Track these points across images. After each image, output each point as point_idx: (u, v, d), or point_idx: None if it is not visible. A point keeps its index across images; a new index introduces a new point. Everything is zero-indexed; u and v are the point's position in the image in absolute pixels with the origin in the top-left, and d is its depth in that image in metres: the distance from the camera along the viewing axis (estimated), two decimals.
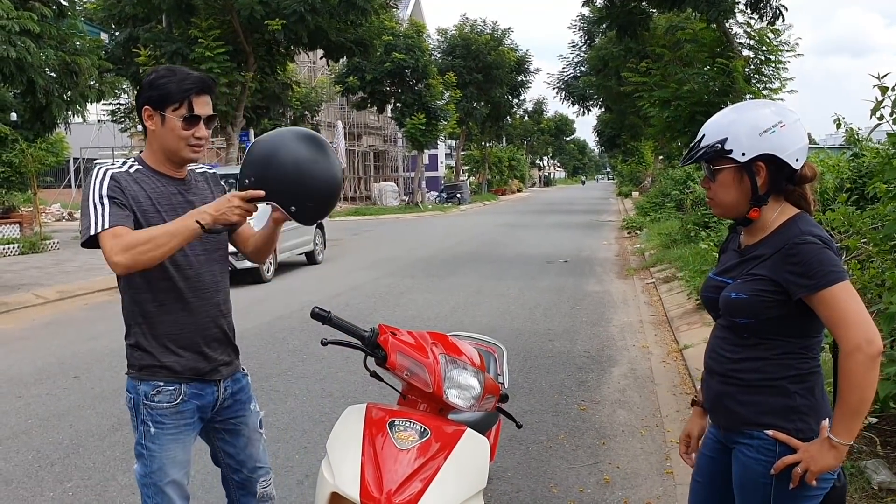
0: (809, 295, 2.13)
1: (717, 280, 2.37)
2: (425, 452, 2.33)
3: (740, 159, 2.18)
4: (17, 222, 18.36)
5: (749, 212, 2.24)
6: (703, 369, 2.44)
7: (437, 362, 2.44)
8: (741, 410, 2.27)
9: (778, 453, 2.21)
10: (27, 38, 10.02)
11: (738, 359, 2.28)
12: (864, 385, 2.08)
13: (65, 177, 36.00)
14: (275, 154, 2.41)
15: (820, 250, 2.14)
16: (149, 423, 2.62)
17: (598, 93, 35.19)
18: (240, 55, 20.35)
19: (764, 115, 2.20)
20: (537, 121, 79.96)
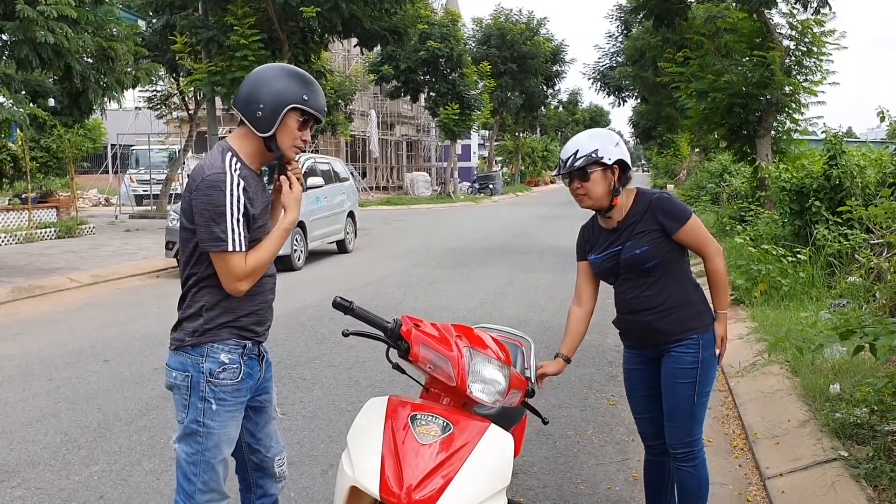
0: (679, 228, 3.15)
1: (607, 254, 3.29)
2: (447, 448, 2.26)
3: (608, 162, 3.12)
4: (55, 207, 18.60)
5: (612, 200, 3.18)
6: (621, 314, 3.38)
7: (462, 355, 2.38)
8: (668, 328, 3.23)
9: (701, 346, 3.24)
10: (64, 24, 10.10)
11: (652, 295, 3.22)
12: (725, 272, 3.34)
13: (102, 162, 36.49)
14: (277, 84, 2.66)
15: (672, 199, 3.26)
16: (210, 400, 2.69)
17: (634, 83, 34.77)
18: (274, 43, 20.35)
19: (609, 137, 3.21)
20: (572, 112, 79.35)
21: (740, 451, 4.91)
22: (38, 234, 17.11)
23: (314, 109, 2.70)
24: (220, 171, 2.59)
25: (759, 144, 14.84)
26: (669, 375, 3.28)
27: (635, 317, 3.30)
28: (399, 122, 49.26)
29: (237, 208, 2.58)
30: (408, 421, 2.31)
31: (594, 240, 3.41)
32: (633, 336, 3.41)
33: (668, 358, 3.28)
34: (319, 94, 2.73)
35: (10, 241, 16.24)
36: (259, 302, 2.79)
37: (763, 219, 12.25)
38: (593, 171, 3.12)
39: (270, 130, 2.65)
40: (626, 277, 3.29)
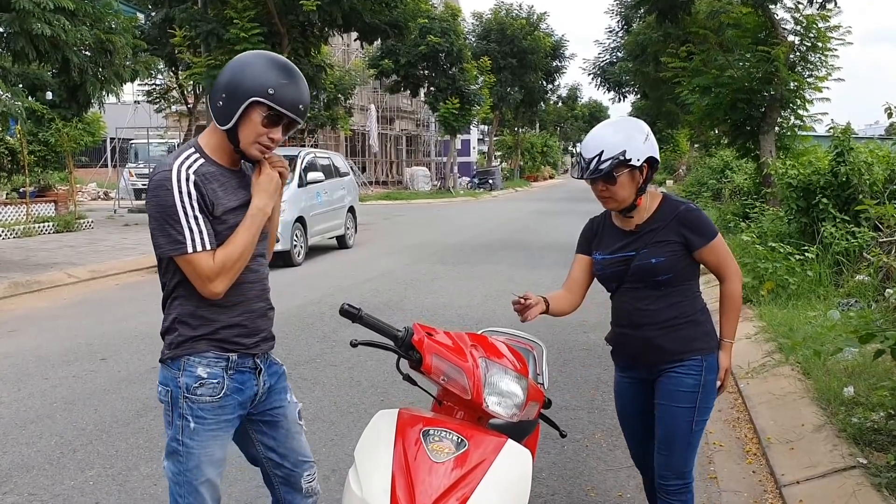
0: (704, 246, 2.92)
1: (616, 257, 3.00)
2: (462, 466, 2.13)
3: (637, 164, 2.83)
4: (53, 201, 18.45)
5: (636, 200, 2.91)
6: (619, 327, 3.07)
7: (477, 366, 2.24)
8: (670, 346, 2.94)
9: (704, 369, 2.95)
10: (62, 16, 9.93)
11: (659, 308, 2.95)
12: (741, 298, 3.07)
13: (101, 156, 36.28)
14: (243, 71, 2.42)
15: (701, 214, 2.98)
16: (188, 418, 2.49)
17: (635, 79, 34.60)
18: (274, 37, 20.20)
19: (639, 129, 2.90)
20: (571, 107, 79.13)
21: (753, 456, 4.78)
22: (36, 229, 16.95)
23: (280, 105, 2.37)
24: (167, 170, 2.40)
25: (762, 140, 14.70)
26: (666, 398, 2.98)
27: (635, 331, 3.00)
28: (399, 117, 49.07)
29: (190, 206, 2.37)
30: (420, 437, 2.17)
31: (604, 237, 3.11)
32: (629, 353, 3.10)
33: (666, 379, 2.99)
34: (294, 89, 2.41)
35: (7, 236, 16.09)
36: (242, 312, 2.53)
37: (768, 216, 12.11)
38: (620, 174, 2.83)
39: (228, 123, 2.40)
40: (631, 286, 3.00)
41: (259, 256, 2.61)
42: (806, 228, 10.11)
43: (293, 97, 2.40)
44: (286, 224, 12.56)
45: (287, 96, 2.38)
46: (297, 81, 2.43)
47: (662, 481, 3.02)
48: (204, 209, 2.40)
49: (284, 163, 2.61)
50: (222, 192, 2.46)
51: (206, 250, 2.38)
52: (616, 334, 3.12)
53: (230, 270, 2.43)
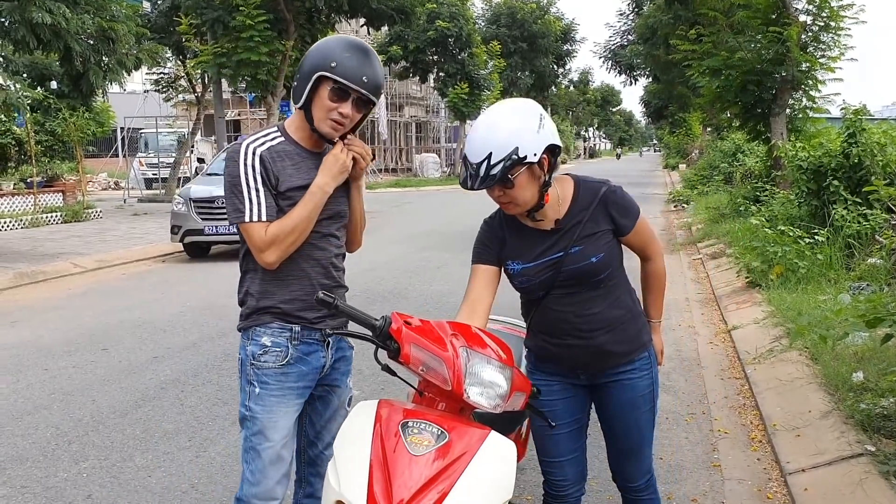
0: (633, 227, 2.61)
1: (544, 262, 2.57)
2: (443, 458, 2.04)
3: (534, 160, 2.37)
4: (61, 191, 18.45)
5: (542, 198, 2.49)
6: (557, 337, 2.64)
7: (458, 356, 2.14)
8: (620, 348, 2.64)
9: (651, 362, 2.73)
10: (62, 4, 9.86)
11: (604, 310, 2.60)
12: (665, 275, 2.82)
13: (112, 146, 36.33)
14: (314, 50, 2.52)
15: (625, 193, 2.64)
16: (254, 384, 2.62)
17: (646, 62, 34.33)
18: (280, 23, 20.02)
19: (529, 115, 2.41)
20: (583, 91, 78.72)
21: (758, 443, 4.68)
22: (43, 219, 16.97)
23: (343, 77, 2.44)
24: (238, 144, 2.56)
25: (773, 123, 14.48)
26: (627, 409, 2.69)
27: (582, 340, 2.60)
28: (408, 104, 48.88)
29: (253, 178, 2.50)
30: (398, 429, 2.08)
31: (516, 241, 2.63)
32: (572, 362, 2.68)
33: (618, 388, 2.68)
34: (358, 61, 2.46)
35: (15, 226, 16.12)
36: (302, 287, 2.61)
37: (778, 199, 11.94)
38: (517, 175, 2.39)
39: (300, 101, 2.52)
40: (565, 292, 2.58)
41: (330, 237, 2.69)
42: (817, 211, 9.94)
43: (356, 69, 2.45)
44: None
45: (350, 69, 2.45)
46: (363, 56, 2.50)
47: (630, 483, 2.83)
48: (267, 183, 2.51)
49: (364, 148, 2.65)
50: (294, 170, 2.56)
51: (262, 221, 2.50)
52: (551, 346, 2.67)
53: (282, 243, 2.52)
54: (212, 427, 4.95)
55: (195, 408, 5.34)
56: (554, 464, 2.75)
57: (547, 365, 2.73)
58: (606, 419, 2.78)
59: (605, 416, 2.78)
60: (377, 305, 8.43)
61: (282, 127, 2.66)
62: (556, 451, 2.74)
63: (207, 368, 6.25)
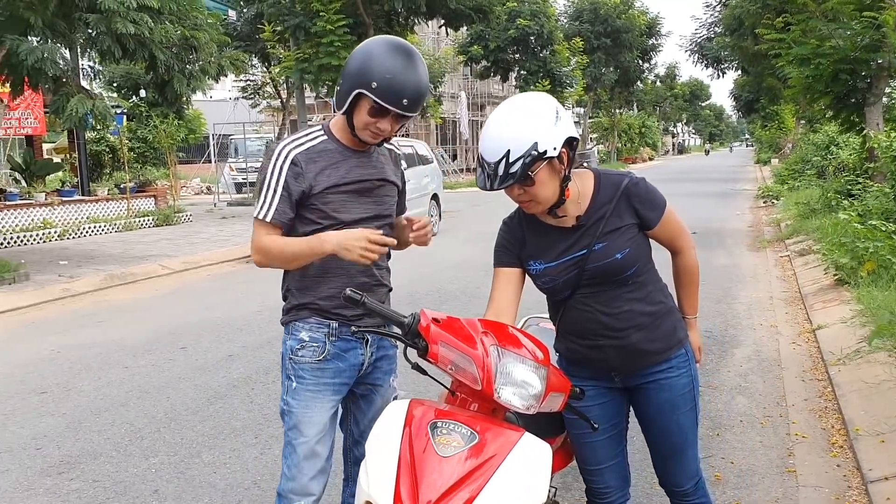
0: (660, 220, 2.50)
1: (567, 260, 2.46)
2: (473, 460, 1.98)
3: (554, 154, 2.28)
4: (152, 196, 19.12)
5: (563, 193, 2.38)
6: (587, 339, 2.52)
7: (488, 354, 2.07)
8: (655, 346, 2.51)
9: (689, 360, 2.60)
10: (144, 14, 10.21)
11: (636, 307, 2.48)
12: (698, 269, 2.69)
13: (204, 152, 37.52)
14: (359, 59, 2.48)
15: (648, 184, 2.51)
16: (292, 378, 2.67)
17: (733, 54, 33.24)
18: (360, 27, 20.30)
19: (545, 107, 2.31)
20: (670, 86, 77.05)
21: (839, 448, 4.44)
22: (136, 223, 17.62)
23: (382, 100, 2.41)
24: (278, 143, 2.62)
25: (868, 113, 13.80)
26: (667, 410, 2.57)
27: (614, 340, 2.48)
28: (490, 103, 48.77)
29: (276, 179, 2.54)
30: (427, 429, 2.03)
31: (537, 241, 2.53)
32: (605, 364, 2.55)
33: (656, 389, 2.56)
34: (400, 84, 2.41)
35: (109, 230, 16.79)
36: (340, 284, 2.58)
37: (872, 193, 11.37)
38: (538, 171, 2.28)
39: (341, 108, 2.52)
40: (591, 291, 2.47)
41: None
42: None
43: (397, 92, 2.41)
44: None
45: (390, 92, 2.40)
46: (407, 75, 2.43)
47: (677, 489, 2.70)
48: (289, 187, 2.53)
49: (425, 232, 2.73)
50: (331, 170, 2.57)
51: (266, 222, 2.56)
52: (582, 347, 2.56)
53: (267, 256, 2.62)
54: (278, 425, 4.97)
55: (263, 405, 5.43)
56: (594, 471, 2.65)
57: (579, 369, 2.60)
58: (646, 422, 2.66)
59: (644, 419, 2.66)
60: (448, 304, 8.42)
61: (326, 126, 2.66)
62: (595, 458, 2.64)
63: (278, 366, 6.25)
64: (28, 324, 8.66)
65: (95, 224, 16.64)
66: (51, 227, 15.61)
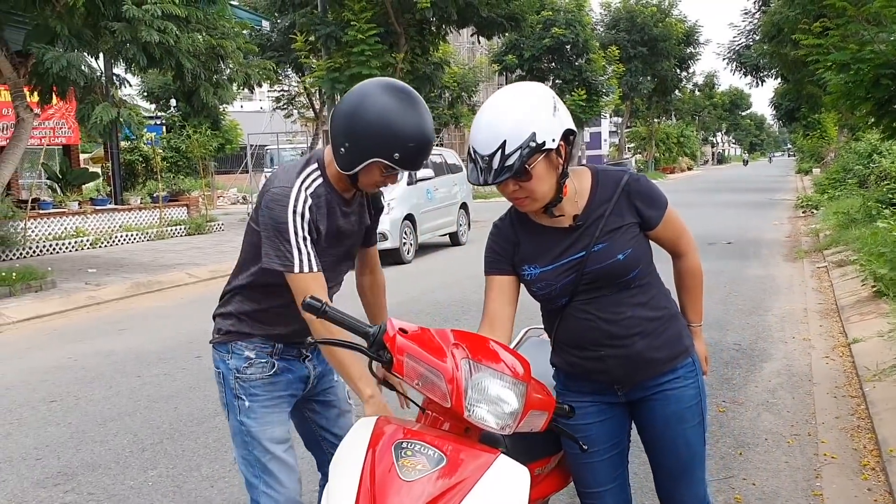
0: (662, 218, 2.34)
1: (565, 263, 2.27)
2: (439, 485, 1.80)
3: (552, 146, 2.12)
4: (185, 205, 19.24)
5: (560, 190, 2.20)
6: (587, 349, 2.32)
7: (458, 368, 1.89)
8: (661, 354, 2.33)
9: (696, 370, 2.41)
10: (170, 22, 10.21)
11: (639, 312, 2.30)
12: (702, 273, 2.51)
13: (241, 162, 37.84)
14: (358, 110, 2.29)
15: (649, 182, 2.37)
16: (242, 398, 2.57)
17: (772, 61, 32.60)
18: (391, 37, 20.26)
19: (542, 97, 2.15)
20: (709, 95, 76.03)
21: (871, 470, 4.16)
22: (168, 232, 17.72)
23: (403, 168, 2.33)
24: (287, 187, 2.39)
25: None
26: (673, 423, 2.36)
27: (619, 349, 2.28)
28: None
29: (301, 226, 2.36)
30: (391, 450, 1.86)
31: (531, 244, 2.32)
32: (607, 377, 2.34)
33: (662, 401, 2.35)
34: (420, 148, 2.30)
35: (141, 239, 16.90)
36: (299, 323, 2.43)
37: None
38: (535, 165, 2.10)
39: (349, 171, 2.36)
40: (591, 296, 2.28)
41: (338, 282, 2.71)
42: None
43: (418, 158, 2.33)
44: (395, 222, 12.49)
45: (412, 159, 2.32)
46: (425, 135, 2.31)
47: None
48: (312, 232, 2.41)
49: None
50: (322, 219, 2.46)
51: (312, 272, 2.37)
52: (582, 360, 2.34)
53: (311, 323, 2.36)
54: None
55: None
56: (593, 494, 2.43)
57: (579, 383, 2.40)
58: (651, 438, 2.43)
59: (648, 435, 2.44)
60: (470, 314, 8.23)
61: (321, 161, 2.48)
62: (594, 480, 2.42)
63: None
64: (51, 331, 8.66)
65: (127, 233, 16.77)
66: (83, 236, 15.75)
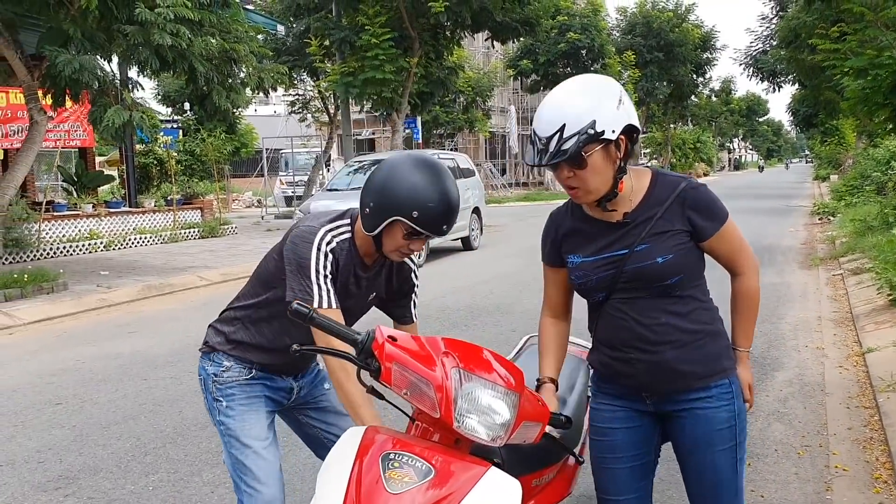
0: (717, 231, 2.27)
1: (605, 258, 2.27)
2: (426, 498, 1.75)
3: (612, 137, 2.11)
4: (199, 208, 19.29)
5: (616, 185, 2.19)
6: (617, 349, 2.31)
7: (448, 377, 1.84)
8: (692, 369, 2.26)
9: (734, 395, 2.31)
10: (182, 26, 10.22)
11: (674, 321, 2.25)
12: (759, 296, 2.39)
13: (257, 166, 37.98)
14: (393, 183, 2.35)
15: (709, 191, 2.30)
16: (220, 399, 2.66)
17: (789, 67, 32.40)
18: (405, 41, 20.27)
19: (609, 89, 2.16)
20: (726, 101, 75.63)
21: (883, 484, 4.07)
22: (181, 235, 17.78)
23: (424, 228, 2.34)
24: (316, 227, 2.47)
25: None
26: (700, 445, 2.30)
27: (646, 354, 2.26)
28: None
29: (323, 265, 2.42)
30: (378, 462, 1.81)
31: (578, 233, 2.34)
32: (634, 381, 2.32)
33: (691, 420, 2.30)
34: (440, 213, 2.33)
35: (154, 241, 16.95)
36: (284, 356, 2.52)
37: None
38: (591, 153, 2.10)
39: (372, 232, 2.41)
40: (628, 296, 2.27)
41: None
42: None
43: (438, 221, 2.35)
44: None
45: (432, 220, 2.34)
46: (446, 200, 2.35)
47: None
48: (334, 271, 2.45)
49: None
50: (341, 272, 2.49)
51: (332, 308, 2.40)
52: (613, 359, 2.33)
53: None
54: (286, 441, 4.82)
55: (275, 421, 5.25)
56: (609, 501, 2.41)
57: (610, 385, 2.40)
58: (679, 456, 2.40)
59: (678, 453, 2.40)
60: (480, 320, 8.18)
61: (353, 218, 2.53)
62: (614, 487, 2.39)
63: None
64: (60, 333, 8.67)
65: (141, 235, 16.83)
66: (97, 238, 15.82)
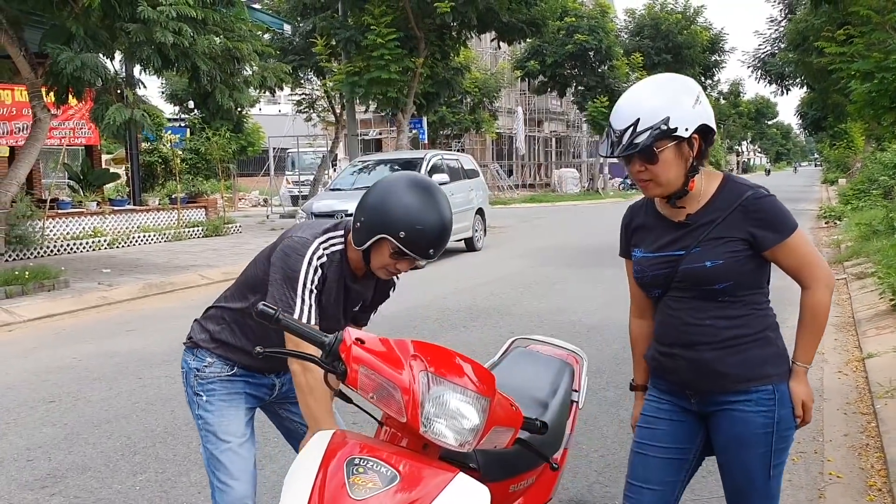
0: (779, 243, 2.25)
1: (662, 256, 2.34)
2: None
3: (685, 135, 2.17)
4: (203, 207, 19.30)
5: (687, 184, 2.24)
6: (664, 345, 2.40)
7: (415, 381, 1.80)
8: (732, 371, 2.29)
9: (777, 401, 2.30)
10: (185, 24, 10.21)
11: (718, 324, 2.29)
12: (827, 313, 2.36)
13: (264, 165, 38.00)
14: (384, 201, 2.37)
15: (775, 202, 2.28)
16: (200, 393, 2.72)
17: (798, 70, 32.26)
18: (411, 41, 20.25)
19: (686, 88, 2.22)
20: (734, 104, 75.37)
21: (877, 491, 4.02)
22: (185, 233, 17.78)
23: (409, 249, 2.34)
24: (309, 239, 2.49)
25: None
26: (734, 446, 2.33)
27: (687, 351, 2.33)
28: (547, 119, 48.39)
29: (311, 280, 2.44)
30: (343, 467, 1.77)
31: (646, 229, 2.42)
32: (677, 377, 2.39)
33: (728, 420, 2.33)
34: (430, 234, 2.33)
35: (158, 240, 16.96)
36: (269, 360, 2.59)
37: None
38: (663, 149, 2.15)
39: (360, 247, 2.43)
40: (681, 295, 2.33)
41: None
42: None
43: (424, 244, 2.35)
44: None
45: (417, 242, 2.34)
46: (435, 224, 2.35)
47: None
48: (320, 286, 2.48)
49: None
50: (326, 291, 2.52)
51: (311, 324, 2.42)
52: (660, 354, 2.42)
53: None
54: (273, 444, 4.78)
55: (265, 421, 5.21)
56: (636, 488, 2.44)
57: (660, 381, 2.49)
58: (717, 455, 2.43)
59: (715, 452, 2.44)
60: (479, 322, 8.13)
61: (347, 230, 2.54)
62: (642, 473, 2.44)
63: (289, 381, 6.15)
64: (59, 331, 8.67)
65: (145, 233, 16.84)
66: (100, 236, 15.83)
